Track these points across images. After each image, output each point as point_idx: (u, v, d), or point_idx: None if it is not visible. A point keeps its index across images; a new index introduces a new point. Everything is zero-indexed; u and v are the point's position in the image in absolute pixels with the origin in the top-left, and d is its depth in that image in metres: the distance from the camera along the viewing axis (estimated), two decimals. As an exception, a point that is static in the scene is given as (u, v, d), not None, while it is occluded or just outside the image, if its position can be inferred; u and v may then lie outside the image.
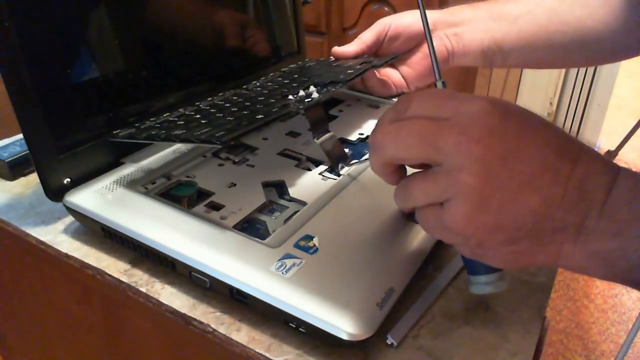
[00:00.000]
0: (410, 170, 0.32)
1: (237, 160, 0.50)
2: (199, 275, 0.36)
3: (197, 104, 0.53)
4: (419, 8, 0.37)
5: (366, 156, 0.50)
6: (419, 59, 0.62)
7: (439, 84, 0.37)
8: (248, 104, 0.50)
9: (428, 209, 0.31)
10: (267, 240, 0.38)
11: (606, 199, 0.27)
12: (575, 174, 0.28)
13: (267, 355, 0.34)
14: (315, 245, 0.37)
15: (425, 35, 0.38)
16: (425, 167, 0.31)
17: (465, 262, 0.35)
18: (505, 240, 0.29)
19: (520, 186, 0.27)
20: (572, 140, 0.29)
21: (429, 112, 0.29)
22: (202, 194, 0.45)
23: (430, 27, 0.60)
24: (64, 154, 0.43)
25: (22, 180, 0.52)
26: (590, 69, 2.02)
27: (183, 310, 0.37)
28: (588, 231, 0.28)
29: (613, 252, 0.28)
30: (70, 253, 0.42)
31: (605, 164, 0.28)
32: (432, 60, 0.37)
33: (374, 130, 0.32)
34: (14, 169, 0.52)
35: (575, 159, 0.28)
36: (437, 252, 0.42)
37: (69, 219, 0.45)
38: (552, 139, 0.28)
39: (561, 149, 0.28)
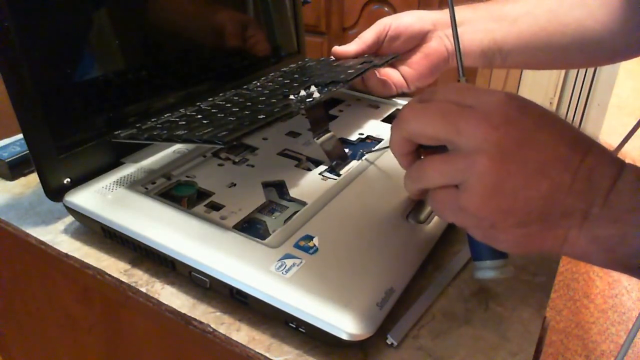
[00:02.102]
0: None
1: (237, 160, 0.50)
2: (199, 275, 0.36)
3: (197, 104, 0.53)
4: (449, 7, 0.39)
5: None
6: (419, 59, 0.62)
7: (462, 81, 0.38)
8: (249, 104, 0.50)
9: (443, 191, 0.32)
10: (267, 240, 0.38)
11: (611, 189, 0.29)
12: (585, 164, 0.29)
13: (267, 355, 0.34)
14: (315, 245, 0.37)
15: (453, 33, 0.40)
16: (439, 153, 0.32)
17: (471, 248, 0.36)
18: (516, 223, 0.30)
19: (532, 172, 0.29)
20: (583, 135, 0.31)
21: (454, 99, 0.32)
22: (202, 194, 0.45)
23: (431, 27, 0.61)
24: (64, 154, 0.43)
25: (22, 180, 0.52)
26: (590, 69, 2.02)
27: (183, 310, 0.37)
28: (592, 218, 0.29)
29: (613, 237, 0.29)
30: (70, 253, 0.42)
31: (613, 158, 0.30)
32: (457, 58, 0.39)
33: (401, 109, 0.34)
34: (14, 169, 0.52)
35: (586, 152, 0.30)
36: (437, 252, 0.42)
37: (69, 219, 0.45)
38: (564, 132, 0.30)
39: (572, 142, 0.30)
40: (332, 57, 0.63)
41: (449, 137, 0.31)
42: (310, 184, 0.46)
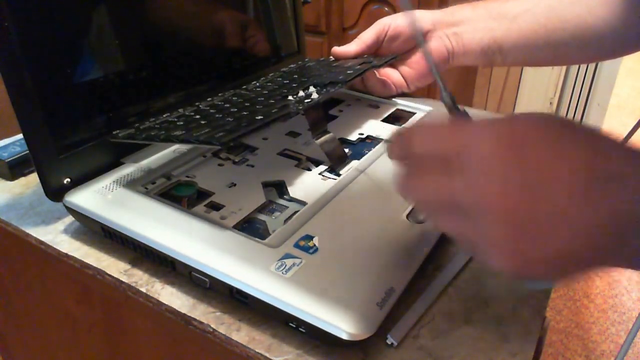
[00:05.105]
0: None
1: (237, 160, 0.50)
2: (199, 275, 0.36)
3: (196, 104, 0.53)
4: (415, 33, 0.35)
5: (368, 155, 0.51)
6: (419, 59, 0.62)
7: (445, 95, 0.34)
8: (248, 104, 0.50)
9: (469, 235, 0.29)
10: (267, 240, 0.38)
11: None
12: (606, 198, 0.25)
13: (267, 355, 0.34)
14: (315, 245, 0.37)
15: (424, 54, 0.36)
16: None
17: None
18: (552, 269, 0.27)
19: (550, 223, 0.25)
20: (603, 152, 0.26)
21: (433, 151, 0.28)
22: (202, 194, 0.45)
23: (430, 27, 0.61)
24: (64, 154, 0.43)
25: (22, 180, 0.52)
26: (591, 69, 2.02)
27: (183, 310, 0.37)
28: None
29: None
30: (70, 253, 0.42)
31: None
32: (432, 72, 0.34)
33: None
34: (14, 169, 0.52)
35: (608, 178, 0.25)
36: (437, 252, 0.42)
37: (69, 219, 0.45)
38: (579, 160, 0.25)
39: (591, 169, 0.25)
40: (332, 57, 0.63)
41: (452, 210, 0.28)
42: (310, 184, 0.46)
